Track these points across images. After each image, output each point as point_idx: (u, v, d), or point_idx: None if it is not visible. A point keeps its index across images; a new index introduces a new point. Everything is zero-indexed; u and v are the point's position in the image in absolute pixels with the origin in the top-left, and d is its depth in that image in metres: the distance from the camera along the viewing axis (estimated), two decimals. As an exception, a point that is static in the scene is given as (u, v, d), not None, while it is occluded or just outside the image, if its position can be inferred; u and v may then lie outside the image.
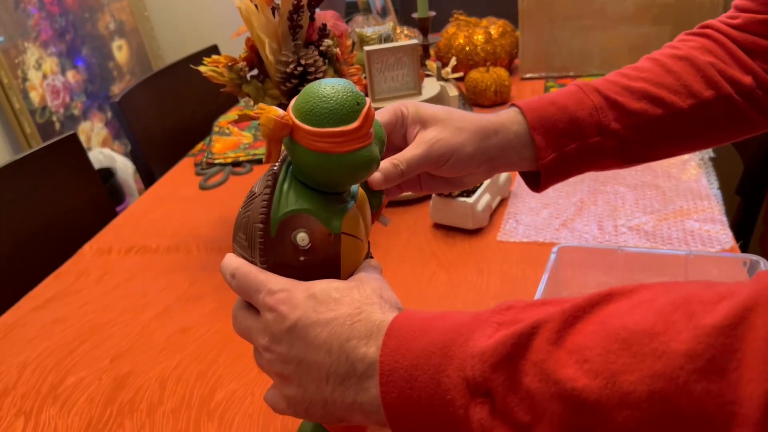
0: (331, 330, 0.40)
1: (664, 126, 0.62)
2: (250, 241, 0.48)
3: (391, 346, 0.38)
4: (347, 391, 0.40)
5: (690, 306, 0.28)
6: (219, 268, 0.93)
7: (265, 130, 0.47)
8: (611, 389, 0.28)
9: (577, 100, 0.61)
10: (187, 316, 0.82)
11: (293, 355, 0.41)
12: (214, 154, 1.27)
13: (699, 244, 0.84)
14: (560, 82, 1.48)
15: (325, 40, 0.85)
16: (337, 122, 0.45)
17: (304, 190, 0.48)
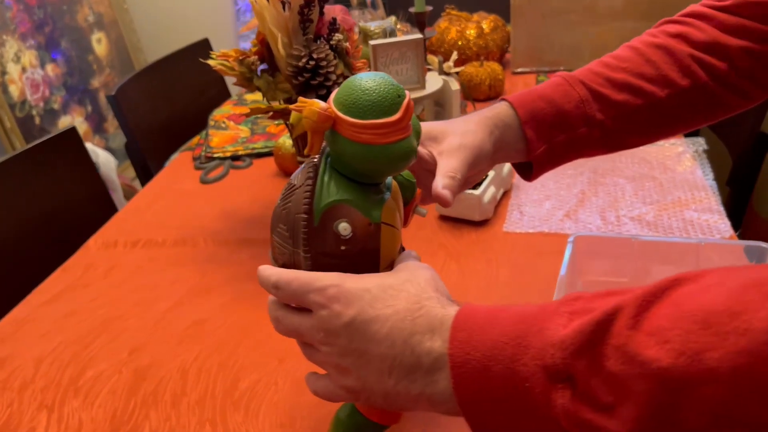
0: (391, 325, 0.41)
1: (644, 115, 0.65)
2: (292, 231, 0.49)
3: (461, 338, 0.39)
4: (413, 384, 0.41)
5: (761, 287, 0.30)
6: (228, 261, 0.94)
7: (308, 123, 0.48)
8: (696, 367, 0.30)
9: (564, 92, 0.65)
10: (201, 308, 0.82)
11: (354, 348, 0.42)
12: (213, 148, 1.27)
13: (699, 233, 0.87)
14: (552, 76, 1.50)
15: (336, 35, 0.86)
16: (379, 114, 0.47)
17: (343, 181, 0.50)
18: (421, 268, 0.47)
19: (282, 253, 0.51)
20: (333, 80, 0.85)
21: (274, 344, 0.74)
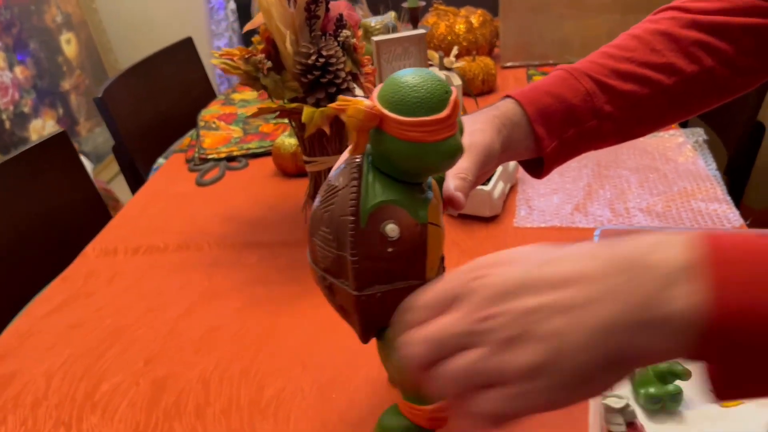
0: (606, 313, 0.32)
1: (652, 103, 0.65)
2: (336, 234, 0.48)
3: (728, 276, 0.31)
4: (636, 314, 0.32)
5: None
6: (235, 265, 0.91)
7: (353, 122, 0.46)
8: None
9: (570, 87, 0.65)
10: (213, 315, 0.80)
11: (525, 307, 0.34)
12: (206, 149, 1.24)
13: (709, 223, 0.87)
14: (541, 70, 1.51)
15: (343, 31, 0.84)
16: (427, 111, 0.45)
17: (388, 181, 0.48)
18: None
19: (325, 257, 0.49)
20: (342, 78, 0.83)
21: (295, 350, 0.73)
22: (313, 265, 0.52)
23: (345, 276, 0.48)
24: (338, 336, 0.74)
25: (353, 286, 0.48)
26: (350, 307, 0.49)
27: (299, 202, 1.04)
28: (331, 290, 0.50)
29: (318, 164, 0.90)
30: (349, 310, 0.50)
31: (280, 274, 0.87)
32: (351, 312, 0.50)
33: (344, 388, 0.67)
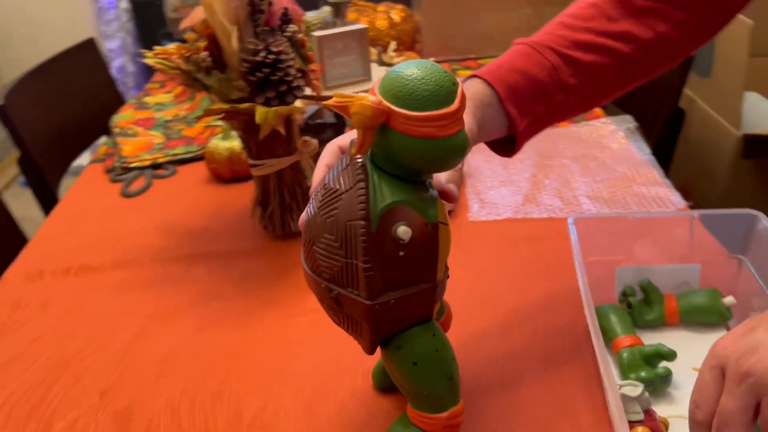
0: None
1: (613, 72, 0.66)
2: (344, 241, 0.45)
3: None
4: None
5: None
6: (183, 280, 0.84)
7: (359, 119, 0.43)
8: None
9: (536, 61, 0.65)
10: (170, 336, 0.74)
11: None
12: (127, 157, 1.15)
13: (655, 206, 0.91)
14: (464, 65, 1.52)
15: (290, 25, 0.80)
16: (438, 104, 0.43)
17: (394, 181, 0.46)
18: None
19: (330, 267, 0.46)
20: (293, 75, 0.79)
21: (269, 365, 0.68)
22: (314, 276, 0.48)
23: (355, 285, 0.45)
24: (313, 346, 0.71)
25: (366, 296, 0.45)
26: (361, 318, 0.46)
27: (242, 208, 0.98)
28: (338, 301, 0.47)
29: (265, 168, 0.86)
30: (359, 321, 0.47)
31: (235, 287, 0.81)
32: (362, 322, 0.47)
33: (331, 401, 0.63)
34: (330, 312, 0.49)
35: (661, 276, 0.72)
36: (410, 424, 0.50)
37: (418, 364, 0.48)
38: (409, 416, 0.51)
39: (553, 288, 0.77)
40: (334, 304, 0.47)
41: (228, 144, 1.05)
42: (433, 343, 0.49)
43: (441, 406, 0.49)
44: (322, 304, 0.50)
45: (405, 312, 0.47)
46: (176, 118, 1.31)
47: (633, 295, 0.70)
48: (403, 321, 0.48)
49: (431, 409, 0.49)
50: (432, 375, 0.48)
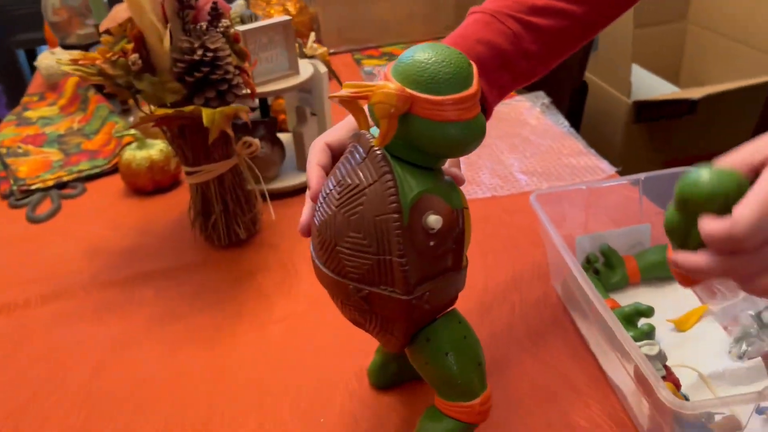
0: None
1: (569, 35, 0.68)
2: (375, 237, 0.43)
3: None
4: None
5: None
6: (129, 304, 0.80)
7: (385, 109, 0.41)
8: None
9: (497, 30, 0.65)
10: (134, 368, 0.67)
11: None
12: (25, 179, 1.04)
13: (588, 175, 0.95)
14: (366, 54, 1.51)
15: (223, 20, 0.75)
16: (460, 87, 0.42)
17: (415, 170, 0.44)
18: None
19: (359, 266, 0.44)
20: (233, 72, 0.74)
21: (254, 381, 0.64)
22: (338, 278, 0.45)
23: (389, 282, 0.43)
24: (295, 354, 0.67)
25: (403, 291, 0.43)
26: (396, 314, 0.44)
27: (174, 220, 0.92)
28: (369, 301, 0.44)
29: (203, 174, 0.80)
30: (392, 318, 0.45)
31: (190, 305, 0.76)
32: (395, 320, 0.45)
33: (330, 407, 0.61)
34: (355, 313, 0.47)
35: (617, 240, 0.75)
36: (442, 415, 0.49)
37: (450, 354, 0.47)
38: (440, 408, 0.49)
39: (519, 264, 0.78)
40: (363, 304, 0.45)
41: (145, 153, 0.97)
42: (460, 330, 0.48)
43: (473, 393, 0.48)
44: (344, 306, 0.47)
45: (437, 302, 0.46)
46: (70, 131, 1.20)
47: (596, 261, 0.73)
48: (433, 312, 0.47)
49: (465, 397, 0.48)
50: (464, 363, 0.47)
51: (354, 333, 0.69)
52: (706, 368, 0.59)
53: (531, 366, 0.64)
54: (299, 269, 0.81)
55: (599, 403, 0.59)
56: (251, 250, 0.85)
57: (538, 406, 0.60)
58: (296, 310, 0.74)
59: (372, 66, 1.43)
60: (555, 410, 0.59)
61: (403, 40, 1.54)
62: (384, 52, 1.51)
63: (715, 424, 0.50)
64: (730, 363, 0.59)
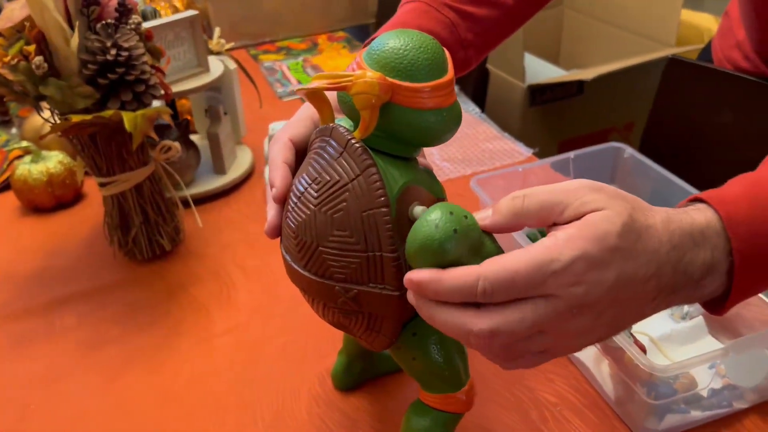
0: (657, 262, 0.37)
1: (501, 24, 0.70)
2: (362, 233, 0.41)
3: (742, 234, 0.39)
4: (674, 297, 0.39)
5: None
6: (52, 335, 0.73)
7: (366, 99, 0.40)
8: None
9: (436, 19, 0.66)
10: (70, 402, 0.61)
11: (616, 301, 0.37)
12: None
13: (507, 159, 0.98)
14: (262, 48, 1.47)
15: (133, 17, 0.69)
16: (439, 73, 0.42)
17: (395, 161, 0.43)
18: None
19: (346, 265, 0.42)
20: (149, 72, 0.69)
21: (211, 400, 0.60)
22: (321, 280, 0.43)
23: (379, 278, 0.42)
24: (249, 365, 0.64)
25: (395, 286, 0.42)
26: (388, 311, 0.43)
27: (85, 237, 0.84)
28: (358, 300, 0.43)
29: (119, 184, 0.74)
30: (381, 316, 0.43)
31: (122, 326, 0.70)
32: (387, 317, 0.43)
33: (297, 415, 0.58)
34: (339, 316, 0.45)
35: (550, 217, 0.78)
36: (429, 409, 0.48)
37: (437, 346, 0.46)
38: (426, 402, 0.48)
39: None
40: (351, 305, 0.43)
41: (42, 167, 0.88)
42: None
43: (460, 382, 0.47)
44: (327, 309, 0.45)
45: None
46: None
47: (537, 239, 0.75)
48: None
49: (452, 387, 0.47)
50: (450, 353, 0.47)
51: (306, 337, 0.67)
52: (654, 332, 0.62)
53: (491, 349, 0.65)
54: (234, 278, 0.77)
55: (562, 377, 0.61)
56: (178, 262, 0.79)
57: (505, 387, 0.60)
58: (239, 320, 0.70)
59: (272, 61, 1.39)
60: (522, 389, 0.60)
61: (299, 33, 1.50)
62: (281, 46, 1.47)
63: (678, 383, 0.53)
64: (674, 324, 0.63)
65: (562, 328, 0.37)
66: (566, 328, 0.37)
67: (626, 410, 0.56)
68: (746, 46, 0.85)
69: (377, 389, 0.61)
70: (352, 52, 1.41)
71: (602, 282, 0.36)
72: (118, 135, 0.71)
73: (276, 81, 1.30)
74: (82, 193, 0.94)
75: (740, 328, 0.62)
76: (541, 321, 0.36)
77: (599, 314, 0.37)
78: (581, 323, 0.37)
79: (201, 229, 0.85)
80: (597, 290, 0.36)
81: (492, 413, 0.58)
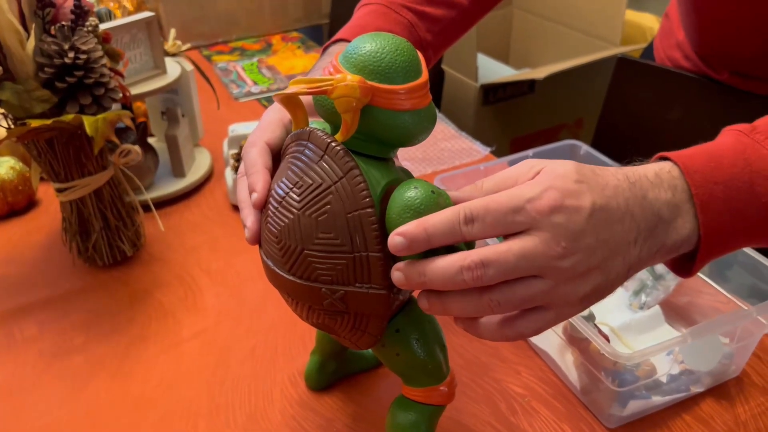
0: (625, 197, 0.40)
1: (457, 25, 0.73)
2: (348, 234, 0.42)
3: (699, 180, 0.41)
4: (654, 241, 0.41)
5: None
6: (13, 346, 0.75)
7: (347, 102, 0.41)
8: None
9: (395, 21, 0.67)
10: (30, 414, 0.60)
11: (601, 239, 0.39)
12: None
13: (466, 157, 1.00)
14: (215, 49, 1.45)
15: (90, 18, 0.68)
16: (415, 74, 0.43)
17: (374, 162, 0.44)
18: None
19: (331, 267, 0.42)
20: (108, 75, 0.68)
21: (183, 406, 0.60)
22: (307, 283, 0.43)
23: (365, 278, 0.42)
24: (220, 369, 0.64)
25: (382, 285, 0.42)
26: (375, 310, 0.43)
27: (39, 244, 0.82)
28: (344, 301, 0.43)
29: (78, 189, 0.73)
30: (368, 315, 0.44)
31: (85, 334, 0.69)
32: (374, 315, 0.44)
33: (271, 417, 0.59)
34: (324, 317, 0.45)
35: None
36: (413, 403, 0.49)
37: (420, 340, 0.47)
38: (410, 396, 0.49)
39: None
40: (338, 305, 0.43)
41: (-8, 174, 0.85)
42: (424, 315, 0.48)
43: (442, 375, 0.49)
44: (312, 311, 0.45)
45: (408, 292, 0.46)
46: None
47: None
48: (403, 302, 0.47)
49: (435, 380, 0.48)
50: (432, 346, 0.48)
51: (276, 339, 0.67)
52: (614, 322, 0.64)
53: (457, 342, 0.66)
54: (199, 281, 0.76)
55: (528, 368, 0.63)
56: (140, 267, 0.78)
57: (473, 379, 0.62)
58: (206, 324, 0.70)
59: (225, 62, 1.38)
60: (490, 381, 0.62)
61: (252, 33, 1.49)
62: (234, 47, 1.45)
63: (640, 370, 0.56)
64: (633, 314, 0.66)
65: (554, 268, 0.38)
66: (559, 268, 0.38)
67: (591, 398, 0.58)
68: (686, 46, 0.89)
69: (350, 388, 0.61)
70: (307, 52, 1.41)
71: (579, 209, 0.38)
72: (76, 139, 0.70)
73: (231, 82, 1.29)
74: (36, 200, 0.91)
75: (695, 315, 0.65)
76: (528, 253, 0.38)
77: (589, 254, 0.38)
78: (573, 263, 0.38)
79: (163, 233, 0.84)
80: (577, 218, 0.38)
81: (462, 405, 0.59)
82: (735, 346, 0.58)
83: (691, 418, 0.57)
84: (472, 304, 0.40)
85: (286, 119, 0.51)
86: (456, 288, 0.39)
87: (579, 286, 0.39)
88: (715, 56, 0.84)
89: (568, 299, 0.40)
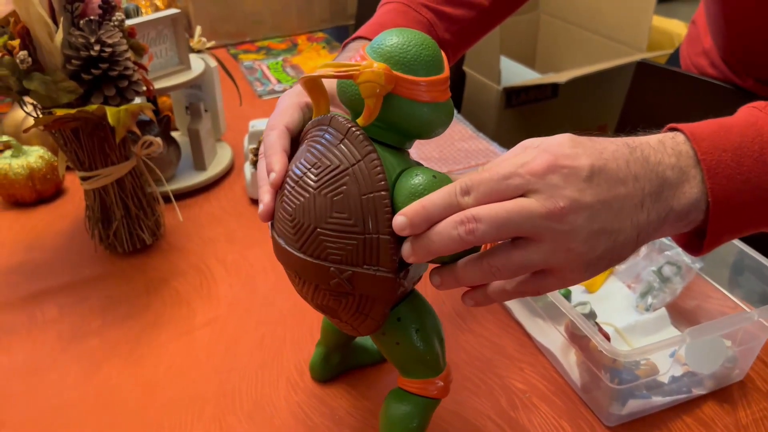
0: (625, 159, 0.39)
1: (477, 25, 0.73)
2: (361, 216, 0.43)
3: (706, 147, 0.40)
4: (662, 204, 0.40)
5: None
6: (35, 327, 0.79)
7: (372, 87, 0.43)
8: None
9: (414, 20, 0.68)
10: (48, 393, 0.62)
11: (603, 201, 0.38)
12: None
13: (482, 158, 1.00)
14: (242, 48, 1.48)
15: (117, 13, 0.70)
16: (438, 69, 0.45)
17: (390, 150, 0.46)
18: None
19: (342, 247, 0.43)
20: (132, 68, 0.70)
21: (192, 392, 0.62)
22: (317, 261, 0.44)
23: (374, 260, 0.43)
24: (228, 358, 0.66)
25: (390, 268, 0.43)
26: (381, 293, 0.44)
27: (64, 232, 0.85)
28: (351, 282, 0.44)
29: (101, 178, 0.76)
30: (373, 299, 0.45)
31: (102, 318, 0.71)
32: (378, 299, 0.45)
33: (277, 405, 0.60)
34: (329, 298, 0.46)
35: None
36: (408, 395, 0.50)
37: (420, 331, 0.48)
38: (405, 388, 0.50)
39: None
40: (345, 286, 0.44)
41: (23, 162, 0.89)
42: (426, 307, 0.50)
43: (439, 367, 0.49)
44: (318, 291, 0.46)
45: (414, 279, 0.48)
46: None
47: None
48: (406, 291, 0.48)
49: (431, 372, 0.49)
50: (432, 338, 0.49)
51: (284, 329, 0.68)
52: (619, 322, 0.65)
53: (463, 338, 0.67)
54: (214, 272, 0.78)
55: (531, 365, 0.64)
56: (159, 256, 0.81)
57: (475, 374, 0.63)
58: (219, 313, 0.72)
59: (251, 60, 1.40)
60: (492, 376, 0.62)
61: (278, 33, 1.52)
62: (261, 46, 1.48)
63: (640, 370, 0.56)
64: (638, 315, 0.66)
65: (551, 229, 0.38)
66: (557, 230, 0.38)
67: (592, 396, 0.58)
68: (713, 53, 0.88)
69: (355, 380, 0.63)
70: (331, 52, 1.43)
71: (576, 169, 0.38)
72: (101, 130, 0.73)
73: (256, 80, 1.31)
74: (63, 188, 0.94)
75: (702, 319, 0.65)
76: (523, 210, 0.38)
77: (591, 216, 0.38)
78: (573, 226, 0.38)
79: (182, 224, 0.86)
80: (574, 178, 0.38)
81: (464, 399, 0.60)
82: (738, 350, 0.58)
83: (691, 419, 0.57)
84: (475, 270, 0.41)
85: (303, 103, 0.52)
86: (453, 247, 0.40)
87: (583, 250, 0.39)
88: (741, 63, 0.83)
89: (572, 265, 0.39)
